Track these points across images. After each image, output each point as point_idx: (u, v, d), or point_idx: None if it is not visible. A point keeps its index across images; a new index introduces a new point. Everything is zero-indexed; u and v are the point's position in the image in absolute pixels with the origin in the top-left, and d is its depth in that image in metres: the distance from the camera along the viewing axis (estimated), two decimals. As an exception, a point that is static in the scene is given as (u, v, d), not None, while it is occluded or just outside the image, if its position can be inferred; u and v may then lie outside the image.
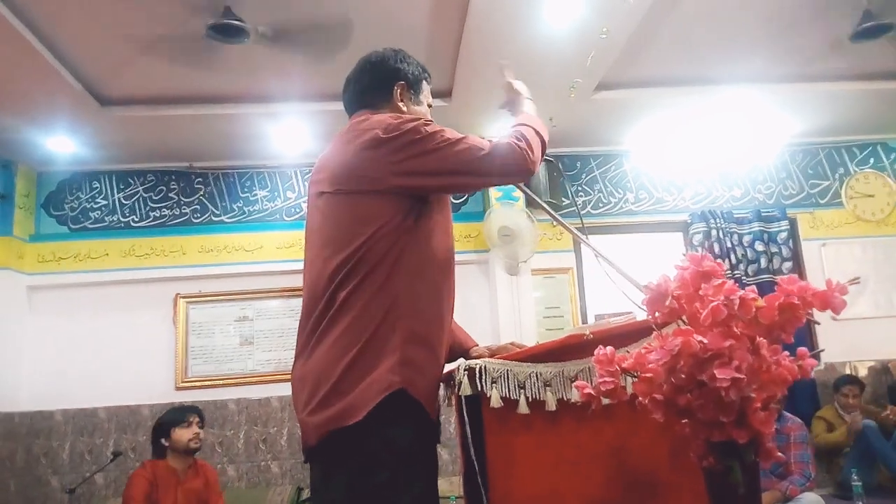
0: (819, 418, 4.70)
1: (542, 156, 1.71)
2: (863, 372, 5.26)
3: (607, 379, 1.16)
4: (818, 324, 1.10)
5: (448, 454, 4.87)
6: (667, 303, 1.17)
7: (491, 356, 1.69)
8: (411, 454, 1.50)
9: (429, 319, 1.60)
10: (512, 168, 1.62)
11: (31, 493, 4.63)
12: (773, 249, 5.36)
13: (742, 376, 1.07)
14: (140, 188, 5.21)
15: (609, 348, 1.20)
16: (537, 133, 1.70)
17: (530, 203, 4.97)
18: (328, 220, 1.63)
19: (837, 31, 3.98)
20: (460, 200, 5.36)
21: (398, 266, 1.56)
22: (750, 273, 5.28)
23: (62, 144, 4.74)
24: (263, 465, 4.79)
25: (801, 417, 4.18)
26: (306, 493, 4.58)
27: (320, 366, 1.53)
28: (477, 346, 1.87)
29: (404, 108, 1.77)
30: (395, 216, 1.57)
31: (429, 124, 1.61)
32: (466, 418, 1.61)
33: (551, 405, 1.59)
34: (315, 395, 1.51)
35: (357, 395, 1.47)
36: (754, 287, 1.18)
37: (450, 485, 4.46)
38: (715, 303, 1.09)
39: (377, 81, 1.79)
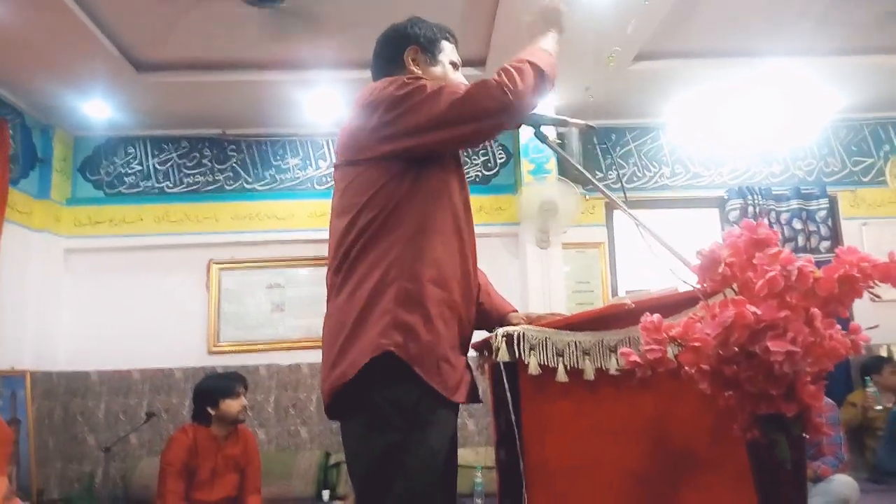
0: (849, 403, 4.60)
1: (539, 91, 1.62)
2: (899, 355, 5.15)
3: (654, 346, 1.13)
4: (879, 298, 1.05)
5: (474, 424, 4.90)
6: (719, 270, 1.13)
7: (529, 323, 1.67)
8: (417, 414, 1.49)
9: (427, 281, 1.56)
10: (490, 106, 1.53)
11: (68, 451, 4.76)
12: (812, 228, 5.24)
13: (797, 349, 1.04)
14: (174, 154, 5.24)
15: (657, 315, 1.17)
16: (532, 65, 1.61)
17: (564, 175, 4.91)
18: (337, 191, 1.69)
19: (887, 1, 3.82)
20: (491, 172, 5.32)
21: (394, 231, 1.57)
22: (787, 252, 5.17)
23: (98, 109, 4.78)
24: (293, 429, 4.87)
25: (833, 401, 4.10)
26: (334, 458, 4.64)
27: (329, 332, 1.61)
28: (516, 311, 1.85)
29: (418, 72, 1.76)
30: (389, 181, 1.58)
31: (408, 84, 1.58)
32: (507, 384, 1.61)
33: (590, 374, 1.57)
34: (327, 360, 1.58)
35: (352, 356, 1.51)
36: (810, 258, 1.13)
37: (476, 455, 4.48)
38: (772, 273, 1.05)
39: (391, 52, 1.80)
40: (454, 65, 1.82)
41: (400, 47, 1.78)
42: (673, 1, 3.67)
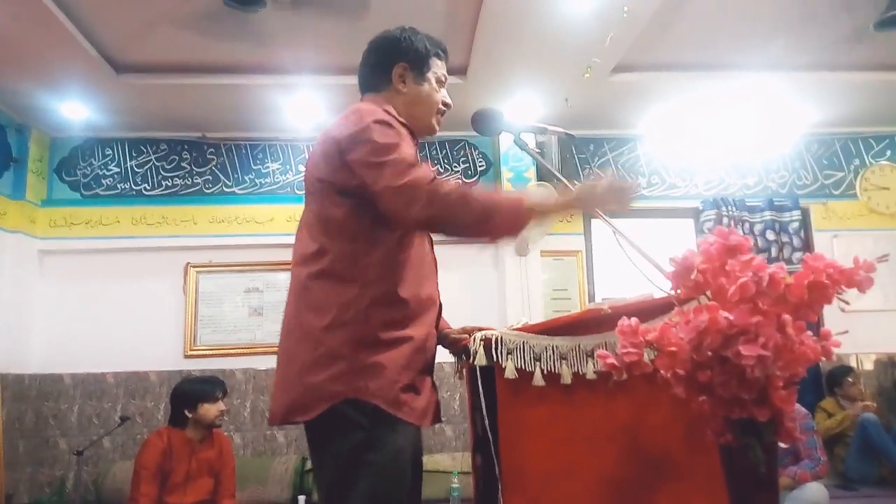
0: (821, 409, 4.70)
1: (466, 232, 1.63)
2: (868, 365, 5.26)
3: (631, 350, 1.16)
4: (848, 304, 1.09)
5: (452, 430, 4.91)
6: (692, 276, 1.16)
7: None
8: (382, 416, 1.51)
9: (381, 324, 1.56)
10: (400, 204, 1.53)
11: (39, 454, 4.68)
12: (785, 239, 5.34)
13: (768, 354, 1.07)
14: (153, 157, 5.20)
15: (634, 319, 1.20)
16: (488, 207, 1.57)
17: (542, 181, 4.96)
18: (307, 202, 1.71)
19: (861, 18, 3.92)
20: (471, 180, 5.36)
21: (355, 265, 1.57)
22: (760, 262, 5.26)
23: (76, 110, 4.73)
24: (269, 434, 4.84)
25: (805, 407, 4.18)
26: (311, 464, 4.62)
27: (283, 352, 1.62)
28: (450, 328, 1.86)
29: (404, 90, 1.76)
30: (351, 215, 1.58)
31: (388, 133, 1.58)
32: (481, 389, 1.62)
33: (567, 379, 1.60)
34: (280, 379, 1.60)
35: (306, 392, 1.52)
36: (783, 265, 1.17)
37: (452, 460, 4.49)
38: (743, 279, 1.08)
39: (379, 63, 1.79)
40: (440, 82, 1.82)
41: (390, 60, 1.77)
42: (650, 15, 3.73)
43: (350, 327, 1.53)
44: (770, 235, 5.32)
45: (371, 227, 1.59)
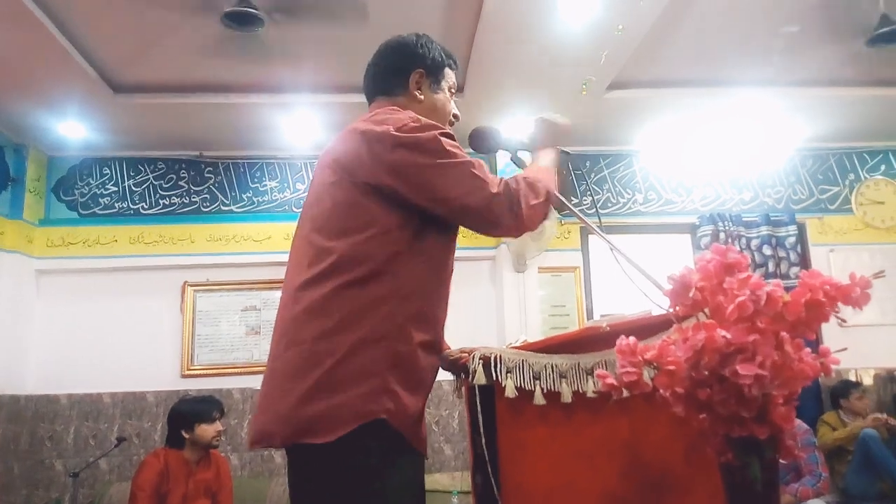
0: (824, 423, 4.69)
1: (539, 220, 1.62)
2: (867, 380, 5.25)
3: (630, 369, 1.16)
4: (845, 321, 1.09)
5: (451, 449, 4.88)
6: (690, 294, 1.16)
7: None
8: (392, 445, 1.42)
9: (417, 345, 1.48)
10: (500, 221, 1.52)
11: (34, 476, 4.64)
12: (781, 254, 5.35)
13: (765, 373, 1.07)
14: (150, 176, 5.21)
15: (632, 338, 1.20)
16: (547, 199, 1.62)
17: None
18: (325, 205, 1.54)
19: (853, 36, 3.96)
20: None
21: (389, 282, 1.46)
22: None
23: (74, 130, 4.75)
24: (267, 455, 4.80)
25: (805, 422, 4.18)
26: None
27: (289, 367, 1.43)
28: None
29: (420, 97, 1.72)
30: (392, 222, 1.48)
31: (447, 137, 1.54)
32: (479, 408, 1.62)
33: (566, 397, 1.59)
34: (284, 396, 1.41)
35: (331, 413, 1.37)
36: (779, 282, 1.17)
37: (452, 479, 4.46)
38: (741, 298, 1.08)
39: (395, 67, 1.74)
40: (452, 92, 1.80)
41: (406, 64, 1.73)
42: (645, 32, 3.76)
43: (383, 343, 1.43)
44: (767, 250, 5.33)
45: (414, 237, 1.51)
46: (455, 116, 1.82)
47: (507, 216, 1.52)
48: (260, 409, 1.49)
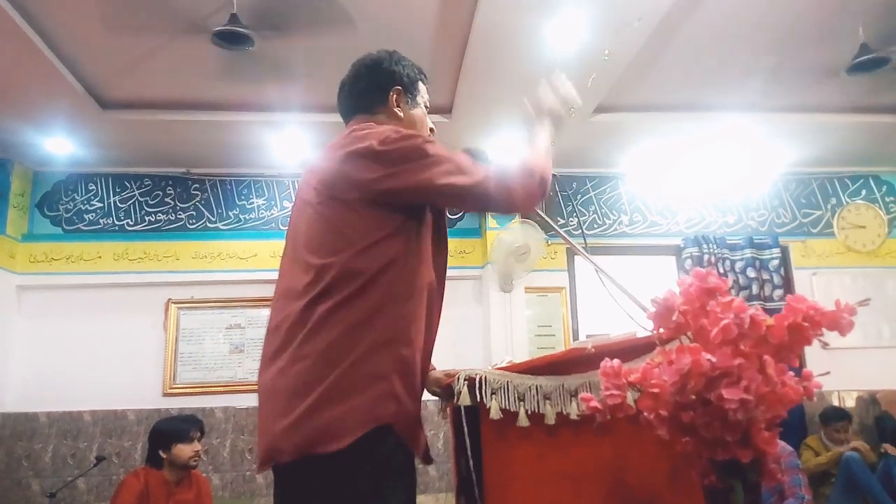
0: (807, 447, 4.70)
1: (538, 197, 1.64)
2: (850, 402, 5.28)
3: (614, 392, 1.16)
4: (828, 345, 1.10)
5: (435, 470, 4.85)
6: (673, 318, 1.17)
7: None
8: (391, 463, 1.43)
9: (418, 349, 1.52)
10: (502, 203, 1.58)
11: (10, 497, 4.55)
12: (765, 276, 5.40)
13: (750, 397, 1.08)
14: (136, 192, 5.19)
15: (616, 361, 1.20)
16: (544, 176, 1.65)
17: (525, 221, 4.99)
18: (315, 225, 1.55)
19: (834, 63, 4.04)
20: (456, 216, 5.38)
21: (386, 289, 1.48)
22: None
23: (60, 146, 4.73)
24: (249, 475, 4.74)
25: (790, 445, 4.18)
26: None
27: (298, 381, 1.41)
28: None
29: (400, 114, 1.74)
30: (387, 234, 1.50)
31: (431, 142, 1.57)
32: (466, 429, 1.61)
33: (550, 419, 1.59)
34: (290, 411, 1.39)
35: (338, 420, 1.37)
36: (759, 307, 1.18)
37: (436, 501, 4.43)
38: (725, 321, 1.09)
39: (372, 86, 1.75)
40: (426, 107, 1.82)
41: (383, 84, 1.74)
42: (632, 58, 3.82)
43: (392, 347, 1.45)
44: (751, 273, 5.37)
45: (405, 244, 1.53)
46: (431, 130, 1.83)
47: (500, 193, 1.56)
48: (262, 429, 1.47)
